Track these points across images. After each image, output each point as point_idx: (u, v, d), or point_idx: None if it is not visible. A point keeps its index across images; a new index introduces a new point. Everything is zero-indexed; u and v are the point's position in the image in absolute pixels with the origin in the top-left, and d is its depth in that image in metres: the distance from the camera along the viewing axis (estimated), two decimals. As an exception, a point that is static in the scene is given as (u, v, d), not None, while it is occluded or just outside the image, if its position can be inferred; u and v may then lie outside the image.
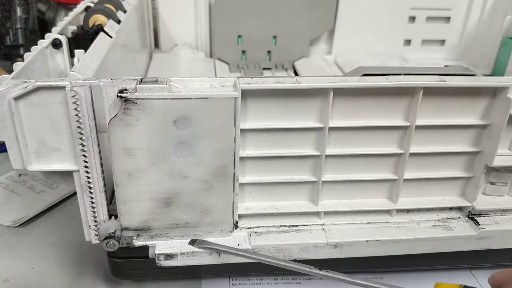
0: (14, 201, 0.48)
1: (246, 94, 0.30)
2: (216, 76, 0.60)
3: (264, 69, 0.65)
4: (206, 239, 0.34)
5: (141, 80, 0.28)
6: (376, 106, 0.32)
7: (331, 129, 0.32)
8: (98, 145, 0.30)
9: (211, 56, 0.67)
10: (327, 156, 0.33)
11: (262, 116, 0.31)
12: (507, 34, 0.59)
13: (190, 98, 0.28)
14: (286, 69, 0.64)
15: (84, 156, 0.30)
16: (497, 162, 0.34)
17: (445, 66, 0.34)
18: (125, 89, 0.28)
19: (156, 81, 0.28)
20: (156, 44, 0.67)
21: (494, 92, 0.33)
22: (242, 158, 0.32)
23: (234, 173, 0.31)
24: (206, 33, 0.66)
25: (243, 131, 0.31)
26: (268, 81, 0.30)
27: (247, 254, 0.32)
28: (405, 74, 0.32)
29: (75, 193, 0.49)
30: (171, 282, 0.39)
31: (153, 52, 0.67)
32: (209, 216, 0.33)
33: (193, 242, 0.33)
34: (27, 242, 0.44)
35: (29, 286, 0.39)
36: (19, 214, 0.46)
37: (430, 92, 0.32)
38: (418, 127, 0.33)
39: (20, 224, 0.46)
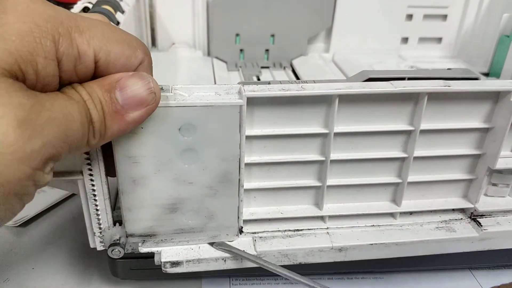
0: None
1: (252, 101, 0.30)
2: (214, 74, 0.60)
3: (262, 67, 0.64)
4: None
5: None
6: (380, 111, 0.32)
7: (336, 134, 0.32)
8: (102, 152, 0.30)
9: (208, 54, 0.67)
10: (332, 161, 0.33)
11: (268, 122, 0.31)
12: (504, 32, 0.59)
13: (195, 106, 0.28)
14: (284, 68, 0.64)
15: (89, 164, 0.30)
16: (500, 164, 0.34)
17: (448, 69, 0.35)
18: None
19: (161, 89, 0.28)
20: (154, 43, 0.67)
21: (497, 96, 0.33)
22: (247, 164, 0.32)
23: (239, 180, 0.31)
24: (203, 31, 0.65)
25: (249, 137, 0.31)
26: (274, 88, 0.30)
27: (266, 264, 0.32)
28: (409, 79, 0.32)
29: (75, 193, 0.49)
30: (171, 282, 0.39)
31: (150, 51, 0.66)
32: (215, 221, 0.33)
33: (211, 243, 0.34)
34: (27, 242, 0.44)
35: (29, 286, 0.39)
36: (19, 214, 0.45)
37: (434, 96, 0.32)
38: (422, 131, 0.33)
39: (20, 224, 0.45)
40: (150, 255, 0.33)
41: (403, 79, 0.32)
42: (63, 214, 0.48)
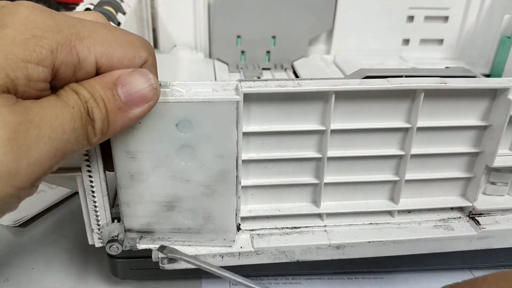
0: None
1: (249, 97, 0.30)
2: (215, 76, 0.60)
3: (264, 69, 0.65)
4: (207, 246, 0.34)
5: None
6: (377, 108, 0.32)
7: (333, 131, 0.32)
8: (101, 148, 0.30)
9: (210, 56, 0.67)
10: (329, 158, 0.33)
11: (265, 119, 0.31)
12: (505, 33, 0.59)
13: (192, 102, 0.28)
14: (286, 69, 0.64)
15: (87, 160, 0.30)
16: (498, 162, 0.34)
17: (446, 67, 0.35)
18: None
19: (160, 85, 0.28)
20: (155, 45, 0.67)
21: (494, 94, 0.33)
22: (245, 161, 0.32)
23: (237, 176, 0.31)
24: (205, 33, 0.66)
25: (245, 134, 0.31)
26: (270, 85, 0.30)
27: (212, 268, 0.32)
28: (406, 76, 0.32)
29: (75, 193, 0.49)
30: (171, 282, 0.39)
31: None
32: (212, 223, 0.33)
33: (162, 249, 0.33)
34: (27, 242, 0.44)
35: (29, 286, 0.39)
36: (19, 214, 0.46)
37: (431, 94, 0.32)
38: (419, 129, 0.33)
39: (20, 224, 0.45)
40: (149, 255, 0.34)
41: (400, 77, 0.32)
42: (63, 214, 0.48)
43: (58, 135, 0.21)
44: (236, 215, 0.33)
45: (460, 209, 0.38)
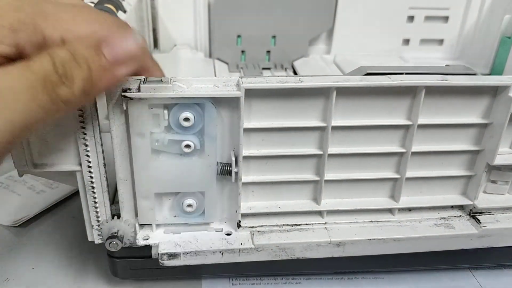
0: (14, 201, 0.48)
1: (250, 93, 0.30)
2: (215, 75, 0.60)
3: (264, 69, 0.65)
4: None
5: (145, 79, 0.28)
6: (378, 105, 0.32)
7: (334, 128, 0.32)
8: (101, 145, 0.30)
9: (210, 56, 0.67)
10: (330, 155, 0.33)
11: (265, 115, 0.31)
12: (505, 33, 0.59)
13: (193, 98, 0.28)
14: (286, 69, 0.64)
15: (88, 156, 0.30)
16: (498, 160, 0.34)
17: (446, 65, 0.35)
18: (129, 89, 0.28)
19: (161, 81, 0.28)
20: (155, 44, 0.67)
21: (495, 91, 0.33)
22: (245, 157, 0.32)
23: (237, 173, 0.31)
24: (205, 33, 0.66)
25: (246, 130, 0.31)
26: (271, 81, 0.30)
27: None
28: (407, 74, 0.32)
29: (75, 193, 0.49)
30: (171, 282, 0.39)
31: (152, 52, 0.66)
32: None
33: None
34: (27, 242, 0.44)
35: (29, 286, 0.39)
36: (19, 214, 0.46)
37: (432, 91, 0.32)
38: (420, 126, 0.33)
39: (20, 224, 0.45)
40: (149, 254, 0.34)
41: (401, 74, 0.32)
42: (63, 214, 0.48)
43: (12, 107, 0.21)
44: (236, 211, 0.33)
45: (461, 207, 0.38)
